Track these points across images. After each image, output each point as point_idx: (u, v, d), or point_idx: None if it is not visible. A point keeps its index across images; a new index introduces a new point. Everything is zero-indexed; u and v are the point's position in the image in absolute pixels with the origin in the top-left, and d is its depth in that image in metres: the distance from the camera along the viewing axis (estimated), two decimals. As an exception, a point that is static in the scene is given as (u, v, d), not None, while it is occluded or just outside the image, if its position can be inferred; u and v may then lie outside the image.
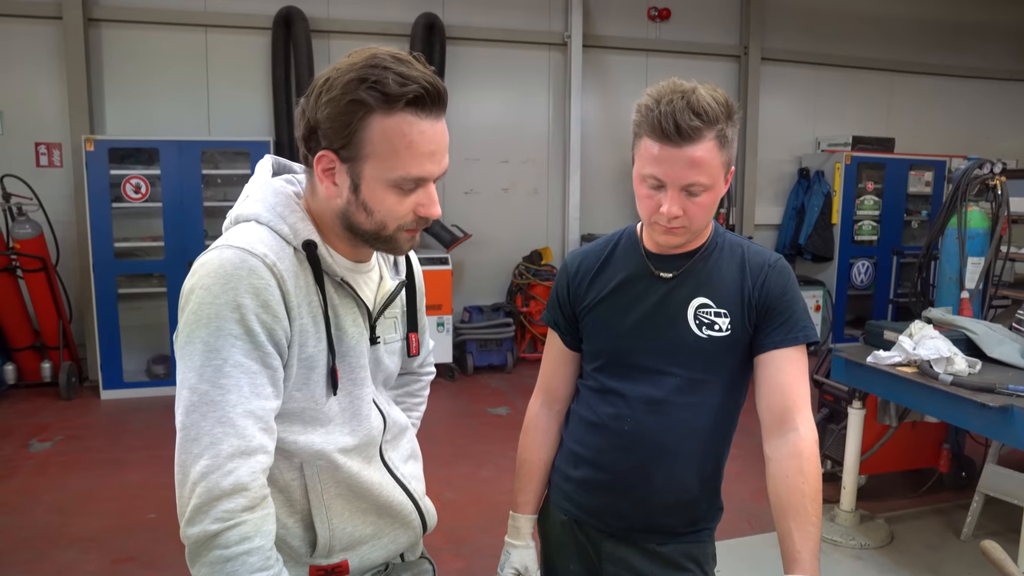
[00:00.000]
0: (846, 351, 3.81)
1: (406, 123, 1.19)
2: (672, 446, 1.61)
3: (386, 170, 1.21)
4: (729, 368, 1.62)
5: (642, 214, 1.57)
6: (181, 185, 6.04)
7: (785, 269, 1.63)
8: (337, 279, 1.32)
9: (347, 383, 1.35)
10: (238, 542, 1.14)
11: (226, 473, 1.13)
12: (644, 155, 1.49)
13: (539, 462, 1.80)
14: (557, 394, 1.81)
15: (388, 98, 1.17)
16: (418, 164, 1.22)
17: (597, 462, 1.68)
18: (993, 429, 3.08)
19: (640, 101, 1.50)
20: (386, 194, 1.24)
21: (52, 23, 6.26)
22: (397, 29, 6.92)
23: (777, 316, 1.58)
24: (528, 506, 1.81)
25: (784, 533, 1.48)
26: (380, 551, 1.45)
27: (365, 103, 1.17)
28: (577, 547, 1.74)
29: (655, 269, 1.64)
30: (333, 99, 1.19)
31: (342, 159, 1.22)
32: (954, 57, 9.15)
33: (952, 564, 3.66)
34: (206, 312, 1.17)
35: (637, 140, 1.52)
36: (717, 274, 1.62)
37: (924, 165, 8.30)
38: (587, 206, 7.65)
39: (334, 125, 1.20)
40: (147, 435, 5.28)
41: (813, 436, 1.54)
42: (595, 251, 1.74)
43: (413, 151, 1.21)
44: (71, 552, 3.66)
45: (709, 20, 8.18)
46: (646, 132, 1.48)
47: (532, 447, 1.81)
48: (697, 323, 1.60)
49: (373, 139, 1.19)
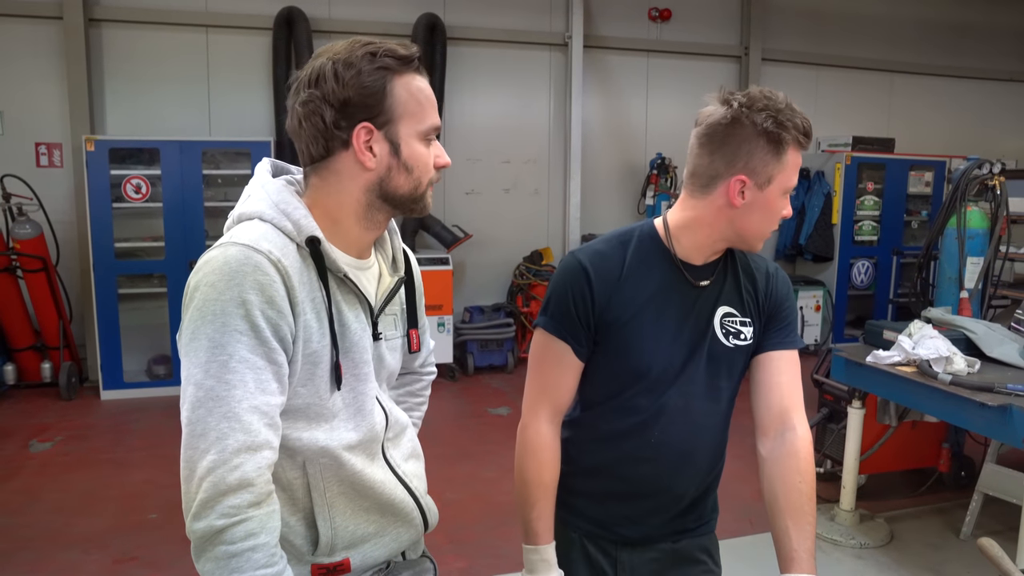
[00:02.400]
0: (846, 351, 3.82)
1: (416, 81, 1.32)
2: (693, 452, 1.62)
3: (417, 123, 1.32)
4: (740, 373, 1.65)
5: (771, 226, 1.55)
6: (182, 185, 6.05)
7: (784, 276, 1.70)
8: (340, 275, 1.33)
9: (351, 378, 1.35)
10: (244, 538, 1.14)
11: (232, 468, 1.14)
12: (792, 167, 1.48)
13: (553, 483, 1.63)
14: (561, 408, 1.65)
15: (402, 60, 1.29)
16: (432, 114, 1.35)
17: (615, 473, 1.64)
18: (992, 428, 3.09)
19: (761, 120, 1.43)
20: (419, 148, 1.34)
21: (53, 23, 6.27)
22: (398, 29, 6.92)
23: (779, 320, 1.63)
24: (549, 534, 1.62)
25: (781, 532, 1.48)
26: (382, 549, 1.45)
27: (390, 68, 1.28)
28: (589, 565, 1.67)
29: (693, 279, 1.58)
30: (359, 72, 1.27)
31: (378, 125, 1.30)
32: (955, 58, 9.16)
33: (952, 563, 3.66)
34: (211, 308, 1.18)
35: (780, 156, 1.46)
36: (735, 282, 1.62)
37: (924, 165, 8.30)
38: (588, 206, 7.65)
39: (368, 95, 1.28)
40: (148, 435, 5.29)
41: (808, 436, 1.56)
42: (611, 254, 1.59)
43: (428, 103, 1.34)
44: (72, 552, 3.67)
45: (710, 20, 8.19)
46: (793, 144, 1.46)
47: (545, 468, 1.62)
48: (724, 332, 1.59)
49: (400, 100, 1.30)
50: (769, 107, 1.43)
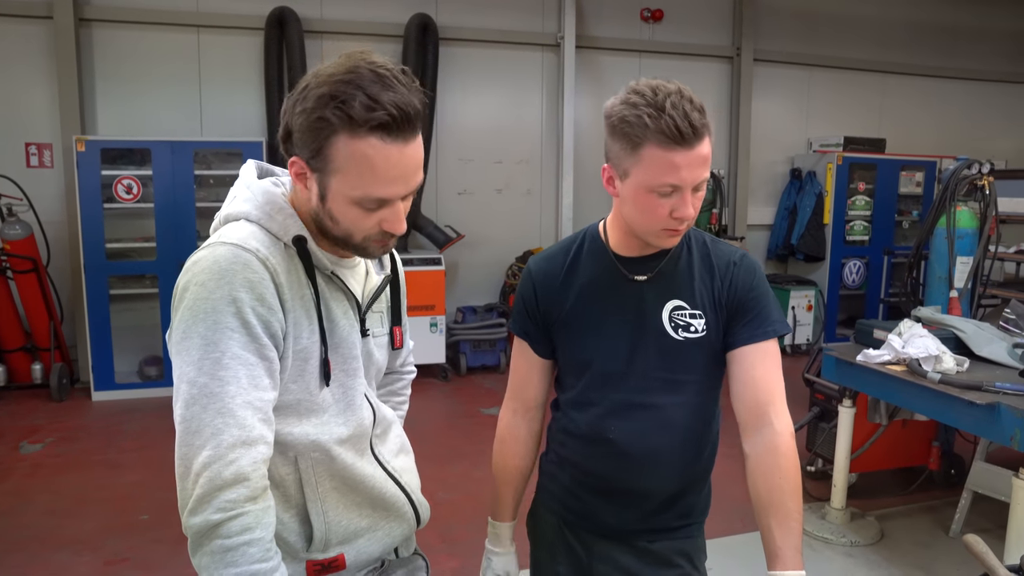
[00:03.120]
0: (837, 350, 3.84)
1: (371, 147, 1.18)
2: (657, 448, 1.61)
3: (349, 188, 1.22)
4: (706, 367, 1.62)
5: (649, 223, 1.50)
6: (173, 186, 6.03)
7: (750, 265, 1.62)
8: (327, 273, 1.34)
9: (340, 374, 1.37)
10: (239, 532, 1.15)
11: (228, 463, 1.15)
12: (654, 165, 1.42)
13: (515, 470, 1.79)
14: (530, 403, 1.77)
15: (353, 122, 1.16)
16: (381, 187, 1.22)
17: (585, 467, 1.68)
18: (980, 426, 3.11)
19: (627, 113, 1.43)
20: (349, 209, 1.25)
21: (43, 23, 6.24)
22: (391, 30, 6.93)
23: (746, 312, 1.57)
24: (507, 514, 1.81)
25: (765, 530, 1.48)
26: (376, 544, 1.46)
27: (331, 123, 1.17)
28: (566, 548, 1.73)
29: (628, 272, 1.61)
30: (305, 111, 1.19)
31: (311, 168, 1.24)
32: (946, 59, 9.20)
33: (942, 561, 3.68)
34: (202, 307, 1.19)
35: (635, 150, 1.44)
36: (688, 275, 1.61)
37: (915, 166, 8.36)
38: (580, 207, 7.67)
39: (304, 137, 1.21)
40: (139, 436, 5.28)
41: (789, 430, 1.52)
42: (558, 255, 1.69)
43: (377, 175, 1.20)
44: (63, 554, 3.66)
45: (702, 21, 8.21)
46: (653, 141, 1.41)
47: (508, 456, 1.79)
48: (673, 325, 1.59)
49: (338, 157, 1.20)
50: (638, 102, 1.42)
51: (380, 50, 1.23)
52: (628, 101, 1.44)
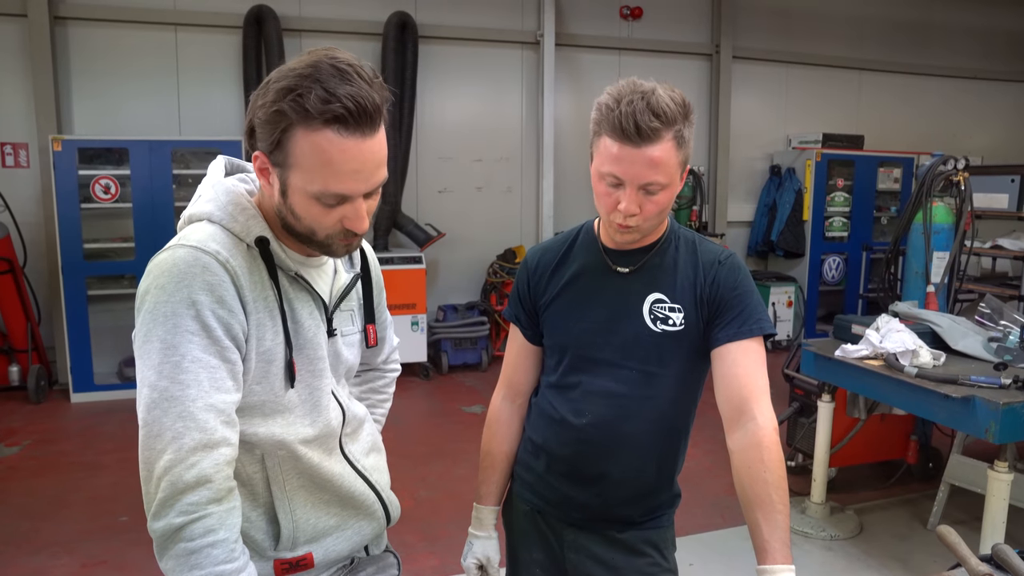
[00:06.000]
0: (815, 345, 3.87)
1: (327, 140, 1.17)
2: (629, 438, 1.64)
3: (307, 182, 1.20)
4: (683, 361, 1.64)
5: (600, 210, 1.58)
6: (152, 185, 5.98)
7: (735, 265, 1.65)
8: (291, 273, 1.34)
9: (306, 375, 1.36)
10: (203, 535, 1.15)
11: (189, 466, 1.15)
12: (603, 153, 1.50)
13: (501, 454, 1.83)
14: (519, 388, 1.83)
15: (308, 114, 1.15)
16: (339, 182, 1.20)
17: (557, 454, 1.71)
18: (956, 419, 3.14)
19: (600, 100, 1.51)
20: (310, 205, 1.23)
21: (17, 21, 6.16)
22: (369, 28, 6.89)
23: (730, 311, 1.60)
24: (491, 498, 1.84)
25: (753, 524, 1.49)
26: (344, 543, 1.46)
27: (287, 115, 1.16)
28: (540, 536, 1.78)
29: (612, 264, 1.66)
30: (264, 105, 1.19)
31: (272, 163, 1.23)
32: (922, 56, 9.30)
33: (919, 553, 3.72)
34: (162, 310, 1.19)
35: (596, 138, 1.53)
36: (672, 270, 1.64)
37: (893, 162, 8.44)
38: (560, 204, 7.68)
39: (264, 131, 1.21)
40: (118, 438, 5.23)
41: (772, 424, 1.53)
42: (555, 246, 1.77)
43: (334, 169, 1.19)
44: (40, 557, 3.62)
45: (681, 19, 8.24)
46: (606, 131, 1.49)
47: (495, 440, 1.84)
48: (652, 318, 1.62)
49: (295, 151, 1.19)
50: (607, 98, 1.49)
51: (359, 48, 1.22)
52: (605, 94, 1.52)
